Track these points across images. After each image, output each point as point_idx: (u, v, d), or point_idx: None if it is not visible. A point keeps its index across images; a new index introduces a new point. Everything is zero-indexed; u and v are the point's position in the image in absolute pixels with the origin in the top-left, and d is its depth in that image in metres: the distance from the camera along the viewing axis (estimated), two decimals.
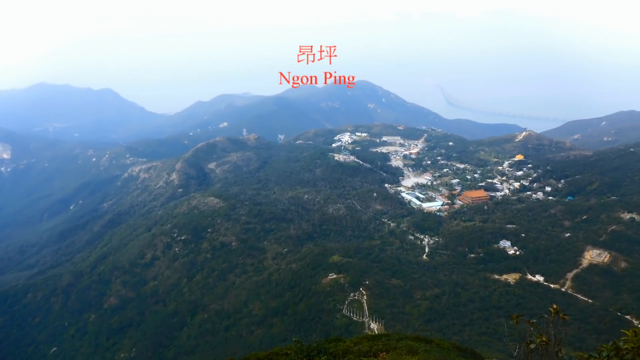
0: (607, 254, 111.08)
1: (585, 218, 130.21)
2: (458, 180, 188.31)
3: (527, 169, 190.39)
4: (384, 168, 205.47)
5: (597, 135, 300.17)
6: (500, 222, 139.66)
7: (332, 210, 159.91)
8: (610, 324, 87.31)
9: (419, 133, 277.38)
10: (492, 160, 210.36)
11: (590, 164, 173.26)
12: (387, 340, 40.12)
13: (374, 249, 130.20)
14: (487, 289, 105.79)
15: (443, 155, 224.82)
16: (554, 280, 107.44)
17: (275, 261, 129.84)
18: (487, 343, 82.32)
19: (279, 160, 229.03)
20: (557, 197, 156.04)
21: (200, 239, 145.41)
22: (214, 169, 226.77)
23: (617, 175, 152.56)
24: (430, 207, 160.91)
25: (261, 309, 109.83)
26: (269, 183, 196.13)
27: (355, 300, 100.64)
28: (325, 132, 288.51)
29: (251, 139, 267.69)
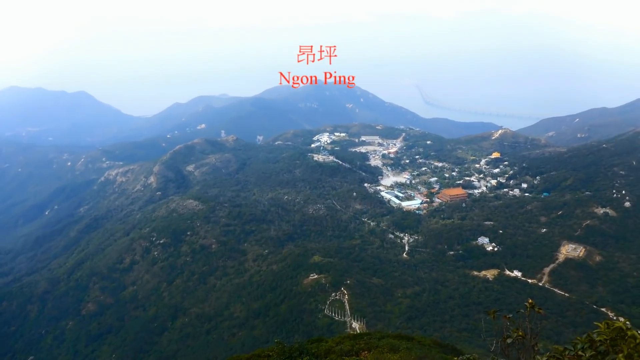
0: (582, 248, 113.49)
1: (561, 213, 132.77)
2: (436, 179, 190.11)
3: (503, 166, 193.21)
4: (363, 167, 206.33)
5: (570, 132, 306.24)
6: (478, 219, 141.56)
7: (313, 211, 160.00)
8: (586, 316, 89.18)
9: (397, 132, 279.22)
10: (469, 158, 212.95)
11: (565, 160, 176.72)
12: (368, 339, 40.36)
13: (355, 249, 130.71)
14: (466, 285, 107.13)
15: (421, 154, 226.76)
16: (532, 275, 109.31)
17: (256, 263, 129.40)
18: (468, 339, 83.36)
19: (258, 161, 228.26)
20: (533, 193, 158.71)
21: (179, 242, 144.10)
22: (193, 171, 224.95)
23: (590, 171, 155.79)
24: (409, 206, 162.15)
25: (242, 311, 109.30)
26: (249, 184, 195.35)
27: (336, 300, 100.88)
28: (304, 133, 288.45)
29: (230, 141, 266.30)
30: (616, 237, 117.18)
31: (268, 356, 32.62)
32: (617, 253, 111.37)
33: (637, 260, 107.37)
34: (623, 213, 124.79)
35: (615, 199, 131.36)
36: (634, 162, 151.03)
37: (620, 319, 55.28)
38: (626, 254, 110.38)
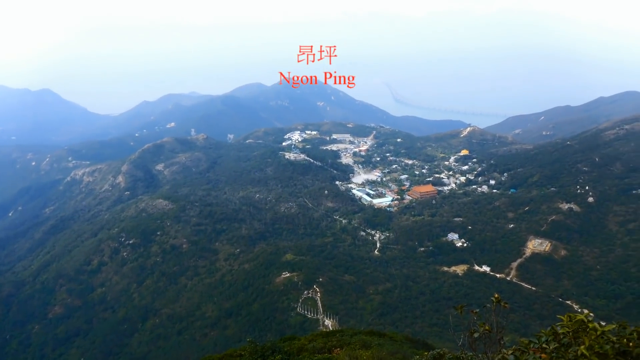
0: (548, 243, 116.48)
1: (527, 209, 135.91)
2: (407, 176, 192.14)
3: (472, 163, 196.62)
4: (335, 165, 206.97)
5: (536, 129, 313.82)
6: (448, 215, 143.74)
7: (284, 209, 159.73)
8: (552, 309, 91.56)
9: (368, 130, 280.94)
10: (439, 156, 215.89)
11: (531, 157, 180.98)
12: (341, 336, 40.61)
13: (327, 246, 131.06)
14: (436, 281, 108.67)
15: (392, 151, 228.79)
16: (500, 270, 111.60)
17: (228, 262, 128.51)
18: (439, 333, 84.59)
19: (229, 160, 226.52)
20: (501, 189, 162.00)
21: (149, 243, 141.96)
22: (162, 170, 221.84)
23: (555, 168, 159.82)
24: (380, 203, 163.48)
25: (214, 311, 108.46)
26: (220, 183, 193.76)
27: (309, 298, 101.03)
28: (275, 131, 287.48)
29: (200, 139, 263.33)
30: (580, 231, 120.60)
31: (240, 355, 32.51)
32: (581, 247, 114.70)
33: (600, 253, 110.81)
34: (587, 208, 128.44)
35: (579, 195, 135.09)
36: (597, 158, 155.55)
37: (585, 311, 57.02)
38: (590, 247, 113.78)
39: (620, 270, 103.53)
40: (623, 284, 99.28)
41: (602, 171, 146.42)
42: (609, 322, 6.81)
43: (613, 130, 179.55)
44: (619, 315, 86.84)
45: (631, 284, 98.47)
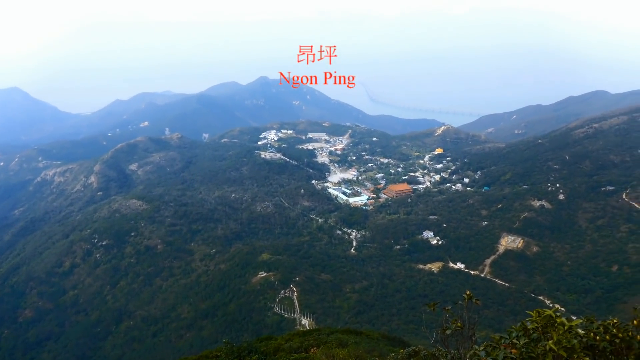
0: (521, 239, 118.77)
1: (500, 207, 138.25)
2: (382, 175, 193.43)
3: (446, 161, 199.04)
4: (311, 164, 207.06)
5: (508, 128, 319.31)
6: (423, 213, 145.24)
7: (260, 209, 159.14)
8: (525, 305, 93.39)
9: (343, 129, 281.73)
10: (413, 155, 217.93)
11: (504, 155, 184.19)
12: (318, 335, 40.70)
13: (303, 245, 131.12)
14: (412, 278, 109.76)
15: (367, 150, 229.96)
16: (474, 267, 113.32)
17: (204, 262, 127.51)
18: (415, 331, 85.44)
19: (204, 159, 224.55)
20: (475, 187, 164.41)
21: (123, 244, 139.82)
22: (136, 170, 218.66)
23: (527, 166, 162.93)
24: (356, 202, 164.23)
25: (190, 312, 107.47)
26: (195, 183, 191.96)
27: (286, 297, 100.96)
28: (250, 130, 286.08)
29: (174, 139, 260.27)
30: (551, 228, 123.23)
31: (216, 357, 32.32)
32: (553, 243, 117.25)
33: (570, 249, 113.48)
34: (557, 205, 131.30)
35: (551, 192, 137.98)
36: (567, 156, 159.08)
37: (557, 306, 58.20)
38: (561, 244, 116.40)
39: (590, 265, 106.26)
40: (592, 279, 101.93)
41: (572, 169, 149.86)
42: (579, 317, 7.02)
43: (582, 129, 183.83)
44: (589, 309, 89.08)
45: (600, 279, 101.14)
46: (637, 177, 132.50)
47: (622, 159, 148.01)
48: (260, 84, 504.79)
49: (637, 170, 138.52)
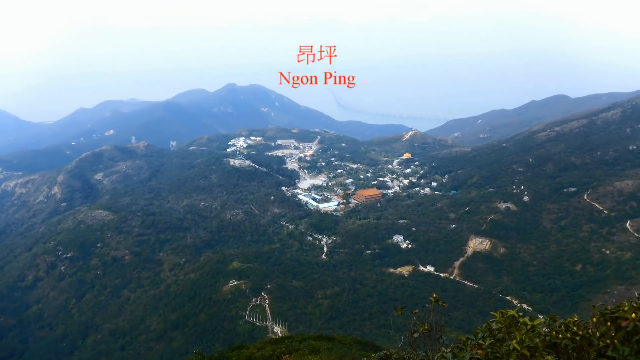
0: (488, 241, 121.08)
1: (468, 209, 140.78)
2: (352, 180, 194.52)
3: (414, 166, 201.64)
4: (280, 171, 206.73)
5: (474, 132, 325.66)
6: (393, 218, 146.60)
7: (230, 216, 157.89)
8: (493, 305, 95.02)
9: (312, 135, 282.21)
10: (382, 160, 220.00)
11: (470, 159, 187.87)
12: (290, 342, 40.56)
13: (274, 253, 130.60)
14: (383, 282, 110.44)
15: (337, 156, 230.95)
16: (443, 269, 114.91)
17: (173, 272, 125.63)
18: (387, 335, 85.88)
19: (172, 167, 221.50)
20: (443, 191, 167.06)
21: (89, 255, 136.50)
22: (102, 179, 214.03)
23: (493, 169, 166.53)
24: (326, 208, 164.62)
25: (160, 323, 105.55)
26: (163, 192, 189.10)
27: (257, 305, 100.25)
28: (219, 137, 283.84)
29: (141, 147, 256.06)
30: (517, 229, 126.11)
31: None
32: (519, 244, 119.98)
33: (536, 250, 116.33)
34: (522, 207, 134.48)
35: (516, 194, 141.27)
36: (531, 159, 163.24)
37: (524, 305, 59.43)
38: (526, 244, 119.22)
39: (555, 265, 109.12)
40: (558, 278, 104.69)
41: (536, 171, 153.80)
42: (545, 316, 7.24)
43: (545, 132, 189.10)
44: (555, 308, 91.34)
45: (565, 278, 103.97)
46: (598, 178, 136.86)
47: (583, 161, 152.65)
48: (228, 90, 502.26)
49: (597, 171, 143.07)
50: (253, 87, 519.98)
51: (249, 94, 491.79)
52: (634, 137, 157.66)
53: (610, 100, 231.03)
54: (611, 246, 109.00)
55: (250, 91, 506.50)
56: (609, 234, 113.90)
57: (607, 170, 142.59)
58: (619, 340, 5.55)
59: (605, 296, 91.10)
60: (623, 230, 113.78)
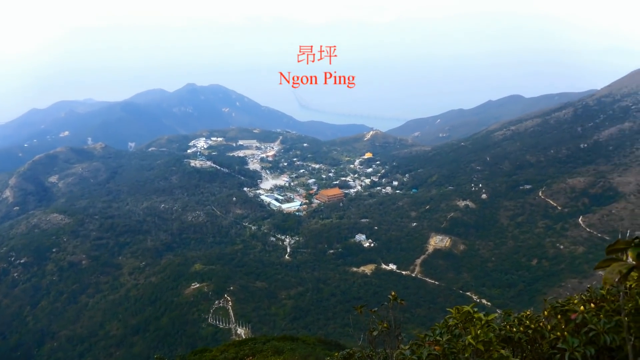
0: (448, 238, 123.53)
1: (428, 208, 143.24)
2: (314, 180, 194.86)
3: (376, 165, 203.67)
4: (242, 172, 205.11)
5: (434, 132, 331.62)
6: (355, 217, 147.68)
7: (191, 218, 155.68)
8: (454, 301, 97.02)
9: (274, 136, 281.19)
10: (344, 159, 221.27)
11: (430, 158, 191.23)
12: (253, 344, 40.34)
13: (237, 254, 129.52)
14: (346, 281, 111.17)
15: (299, 156, 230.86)
16: (405, 267, 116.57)
17: (133, 276, 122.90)
18: (350, 333, 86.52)
19: (130, 169, 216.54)
20: (404, 190, 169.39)
21: (44, 261, 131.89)
22: (57, 182, 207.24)
23: (452, 167, 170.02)
24: (289, 208, 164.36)
25: (120, 328, 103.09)
26: (121, 194, 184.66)
27: (220, 308, 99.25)
28: (179, 138, 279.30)
29: (98, 148, 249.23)
30: (476, 226, 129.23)
31: None
32: (478, 241, 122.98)
33: (494, 246, 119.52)
34: (481, 204, 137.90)
35: (474, 192, 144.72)
36: (488, 157, 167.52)
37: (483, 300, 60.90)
38: (485, 241, 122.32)
39: (512, 260, 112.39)
40: (515, 273, 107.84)
41: (493, 169, 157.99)
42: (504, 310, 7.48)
43: (501, 132, 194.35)
44: (512, 302, 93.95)
45: (522, 273, 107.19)
46: (551, 176, 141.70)
47: (538, 159, 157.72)
48: (188, 90, 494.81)
49: (550, 169, 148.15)
50: (214, 87, 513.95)
51: (209, 94, 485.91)
52: (584, 136, 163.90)
53: (562, 100, 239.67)
54: (565, 241, 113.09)
55: (211, 91, 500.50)
56: (563, 230, 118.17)
57: (560, 168, 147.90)
58: (568, 332, 5.79)
59: (560, 289, 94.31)
60: (576, 225, 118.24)
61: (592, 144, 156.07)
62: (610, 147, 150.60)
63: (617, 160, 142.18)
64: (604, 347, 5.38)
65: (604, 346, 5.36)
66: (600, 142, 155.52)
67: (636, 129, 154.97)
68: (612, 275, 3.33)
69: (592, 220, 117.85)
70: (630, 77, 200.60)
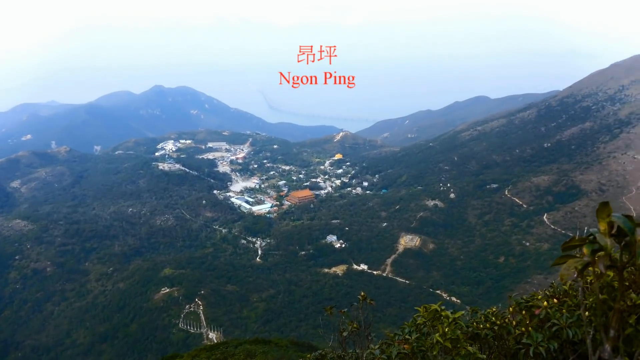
0: (418, 238, 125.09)
1: (398, 208, 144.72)
2: (285, 182, 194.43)
3: (346, 166, 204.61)
4: (212, 174, 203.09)
5: (402, 133, 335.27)
6: (326, 218, 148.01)
7: (160, 222, 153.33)
8: (425, 300, 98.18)
9: (244, 138, 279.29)
10: (314, 161, 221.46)
11: (399, 159, 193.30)
12: (225, 348, 40.00)
13: (207, 257, 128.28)
14: (318, 283, 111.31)
15: (269, 158, 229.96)
16: (376, 267, 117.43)
17: (100, 282, 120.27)
18: (324, 335, 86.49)
19: (96, 173, 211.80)
20: (374, 190, 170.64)
21: (6, 269, 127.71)
22: (19, 187, 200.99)
23: (421, 168, 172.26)
24: (260, 210, 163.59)
25: (87, 336, 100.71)
26: (87, 198, 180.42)
27: (191, 312, 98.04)
28: (147, 141, 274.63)
29: (62, 152, 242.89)
30: (445, 225, 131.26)
31: None
32: (447, 240, 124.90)
33: (462, 245, 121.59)
34: (449, 204, 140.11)
35: (443, 192, 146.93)
36: (456, 157, 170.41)
37: (453, 298, 61.84)
38: (454, 240, 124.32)
39: (480, 258, 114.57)
40: (483, 270, 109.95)
41: (461, 169, 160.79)
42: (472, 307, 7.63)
43: (468, 132, 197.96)
44: (481, 299, 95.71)
45: (490, 270, 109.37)
46: (517, 175, 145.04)
47: (503, 159, 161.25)
48: (156, 92, 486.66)
49: (516, 168, 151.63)
50: (182, 88, 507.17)
51: (177, 96, 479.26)
52: (548, 135, 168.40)
53: (526, 101, 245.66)
54: (530, 238, 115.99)
55: (179, 93, 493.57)
56: (529, 227, 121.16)
57: (525, 167, 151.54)
58: (532, 328, 5.94)
59: (526, 286, 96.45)
60: (541, 222, 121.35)
61: (555, 144, 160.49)
62: (573, 146, 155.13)
63: (579, 159, 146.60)
64: (566, 341, 5.54)
65: (567, 340, 5.52)
66: (563, 142, 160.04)
67: (597, 128, 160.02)
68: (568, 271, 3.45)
69: (557, 217, 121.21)
70: (590, 78, 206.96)
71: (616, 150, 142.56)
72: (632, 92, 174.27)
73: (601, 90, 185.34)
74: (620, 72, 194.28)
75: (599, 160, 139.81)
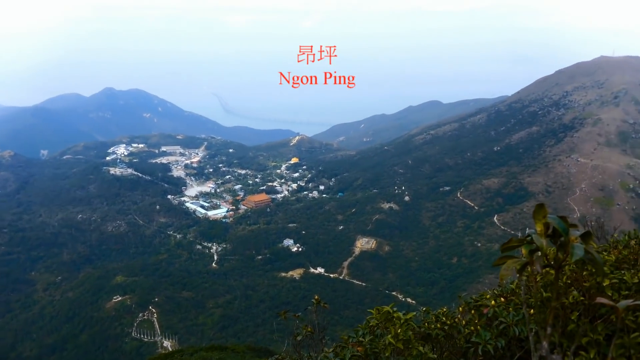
0: (374, 240, 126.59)
1: (354, 211, 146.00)
2: (241, 186, 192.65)
3: (302, 170, 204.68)
4: (166, 179, 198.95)
5: (358, 136, 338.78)
6: (283, 222, 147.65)
7: (112, 228, 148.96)
8: (381, 301, 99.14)
9: (199, 141, 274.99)
10: (270, 165, 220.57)
11: (355, 162, 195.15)
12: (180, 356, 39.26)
13: (161, 264, 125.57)
14: (275, 287, 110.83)
15: (224, 162, 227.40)
16: (333, 270, 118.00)
17: (48, 292, 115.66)
18: (280, 339, 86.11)
19: (43, 178, 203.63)
20: (330, 194, 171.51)
21: None
22: None
23: (376, 171, 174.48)
24: (215, 215, 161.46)
25: (34, 349, 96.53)
26: (33, 205, 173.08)
27: (145, 320, 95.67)
28: (97, 145, 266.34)
29: (6, 157, 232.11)
30: (400, 227, 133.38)
31: None
32: (402, 242, 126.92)
33: (417, 246, 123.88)
34: (404, 206, 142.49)
35: (398, 194, 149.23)
36: (410, 161, 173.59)
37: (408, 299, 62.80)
38: (408, 242, 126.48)
39: (434, 259, 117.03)
40: (437, 271, 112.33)
41: (415, 172, 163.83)
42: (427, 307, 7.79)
43: (421, 136, 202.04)
44: (435, 299, 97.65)
45: (443, 271, 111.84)
46: (468, 178, 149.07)
47: (456, 162, 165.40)
48: (106, 95, 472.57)
49: (467, 171, 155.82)
50: (133, 91, 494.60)
51: (129, 99, 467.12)
52: (497, 139, 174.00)
53: (476, 106, 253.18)
54: (482, 239, 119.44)
55: (131, 96, 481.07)
56: (480, 228, 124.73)
57: (476, 170, 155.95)
58: (481, 326, 6.14)
59: (478, 285, 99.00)
60: (491, 224, 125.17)
61: (504, 147, 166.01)
62: (521, 150, 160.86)
63: (527, 162, 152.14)
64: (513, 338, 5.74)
65: (514, 337, 5.73)
66: (511, 145, 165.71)
67: (543, 132, 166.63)
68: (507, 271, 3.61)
69: (506, 218, 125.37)
70: (536, 84, 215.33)
71: (561, 154, 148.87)
72: (575, 98, 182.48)
73: (547, 96, 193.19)
74: (564, 78, 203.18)
75: (545, 163, 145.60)
